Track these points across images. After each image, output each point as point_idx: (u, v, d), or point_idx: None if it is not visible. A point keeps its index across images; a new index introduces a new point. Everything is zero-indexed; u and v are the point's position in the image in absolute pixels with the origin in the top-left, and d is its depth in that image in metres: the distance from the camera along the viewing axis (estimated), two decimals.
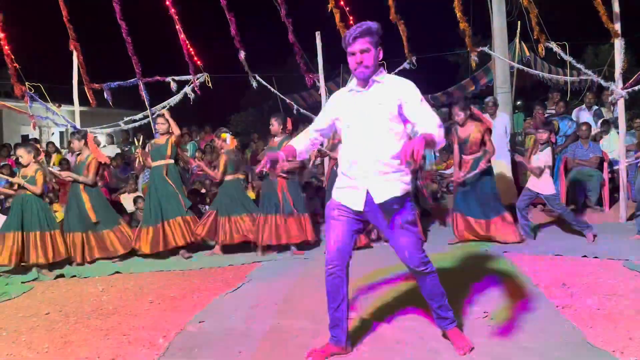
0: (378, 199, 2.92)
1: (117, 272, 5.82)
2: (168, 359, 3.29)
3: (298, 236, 6.18)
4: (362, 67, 2.90)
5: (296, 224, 6.18)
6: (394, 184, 2.93)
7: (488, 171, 6.16)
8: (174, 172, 6.59)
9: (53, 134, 17.18)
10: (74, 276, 5.79)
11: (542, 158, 5.98)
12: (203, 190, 8.63)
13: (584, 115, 8.67)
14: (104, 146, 10.70)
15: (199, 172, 8.43)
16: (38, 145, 10.34)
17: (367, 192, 2.94)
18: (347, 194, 3.02)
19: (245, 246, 6.54)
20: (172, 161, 6.57)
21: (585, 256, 5.19)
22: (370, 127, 2.92)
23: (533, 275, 4.63)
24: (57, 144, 12.79)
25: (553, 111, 8.81)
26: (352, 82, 3.08)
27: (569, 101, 9.38)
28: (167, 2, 7.93)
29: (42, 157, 6.52)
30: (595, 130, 8.17)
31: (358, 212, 3.00)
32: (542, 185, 6.01)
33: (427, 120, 2.82)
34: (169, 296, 4.73)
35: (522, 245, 5.86)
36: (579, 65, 7.36)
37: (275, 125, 6.25)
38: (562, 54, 7.35)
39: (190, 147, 10.97)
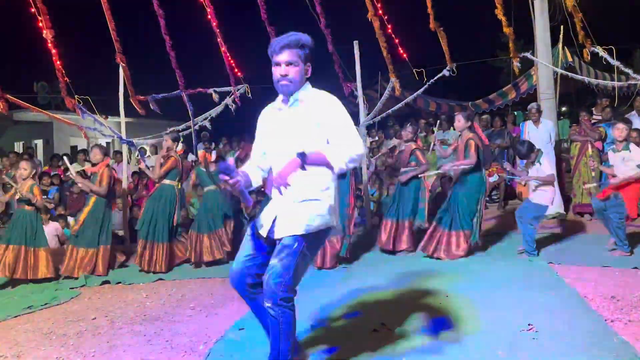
0: (279, 233, 2.66)
1: (160, 279, 5.96)
2: None
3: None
4: (286, 81, 2.64)
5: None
6: (303, 217, 2.63)
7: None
8: None
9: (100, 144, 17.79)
10: (119, 282, 5.96)
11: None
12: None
13: (635, 121, 8.34)
14: (148, 156, 10.99)
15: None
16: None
17: (275, 219, 2.70)
18: (260, 217, 2.80)
19: None
20: None
21: (636, 267, 4.98)
22: (291, 146, 2.58)
23: (580, 287, 4.48)
24: None
25: (600, 117, 8.52)
26: (278, 99, 2.81)
27: (616, 107, 9.04)
28: (209, 16, 8.12)
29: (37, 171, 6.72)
30: None
31: (264, 237, 2.74)
32: None
33: (339, 141, 2.57)
34: (209, 303, 4.80)
35: (568, 256, 5.67)
36: (627, 70, 7.11)
37: None
38: (609, 59, 7.12)
39: (229, 157, 11.14)
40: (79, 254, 6.32)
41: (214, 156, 6.90)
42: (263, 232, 2.74)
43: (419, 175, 6.48)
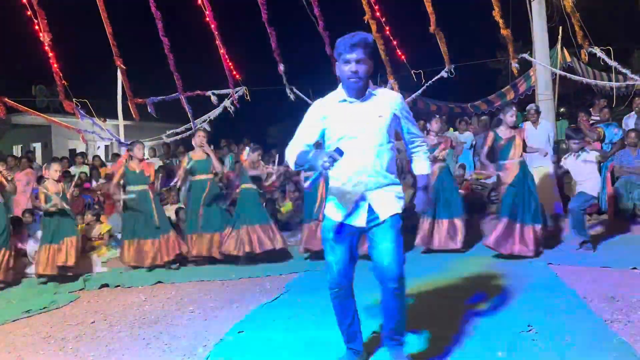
0: (382, 215, 2.86)
1: (159, 282, 5.95)
2: None
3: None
4: (357, 77, 2.80)
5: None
6: (393, 199, 2.89)
7: None
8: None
9: (99, 147, 17.79)
10: (118, 286, 5.95)
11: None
12: None
13: (632, 122, 8.36)
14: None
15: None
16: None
17: (369, 207, 2.86)
18: (347, 210, 2.89)
19: (279, 256, 6.59)
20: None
21: (635, 268, 4.98)
22: (370, 139, 2.84)
23: (579, 288, 4.47)
24: (103, 158, 13.22)
25: (598, 118, 8.53)
26: (341, 93, 2.93)
27: (614, 107, 9.06)
28: (207, 18, 8.13)
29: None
30: None
31: (359, 227, 2.90)
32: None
33: (419, 146, 3.06)
34: (209, 306, 4.79)
35: (567, 257, 5.68)
36: (624, 70, 7.12)
37: None
38: (607, 59, 7.13)
39: (228, 159, 11.13)
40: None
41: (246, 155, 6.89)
42: (361, 223, 2.87)
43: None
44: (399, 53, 8.20)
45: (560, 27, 9.57)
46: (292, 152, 2.93)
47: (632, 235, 6.41)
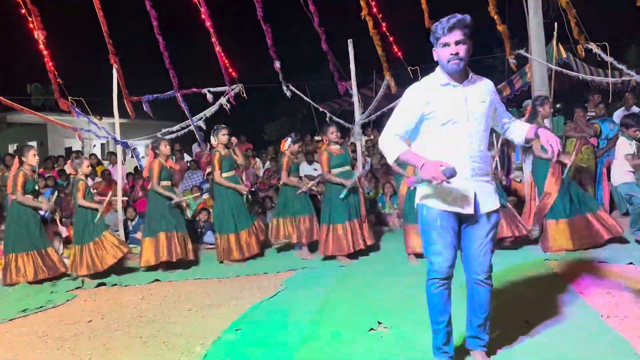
0: (484, 208, 2.87)
1: (157, 280, 5.94)
2: None
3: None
4: (457, 59, 2.73)
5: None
6: (494, 193, 2.92)
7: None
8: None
9: (95, 146, 17.73)
10: (115, 284, 5.94)
11: None
12: None
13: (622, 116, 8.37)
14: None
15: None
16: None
17: (475, 195, 2.83)
18: (453, 198, 2.83)
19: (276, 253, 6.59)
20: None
21: (631, 263, 4.99)
22: (476, 124, 2.82)
23: (576, 283, 4.49)
24: (99, 156, 13.18)
25: (594, 113, 8.55)
26: (442, 76, 2.84)
27: (610, 103, 9.07)
28: (203, 15, 8.09)
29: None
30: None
31: (466, 215, 2.85)
32: None
33: (513, 119, 3.10)
34: (206, 304, 4.79)
35: (564, 253, 5.69)
36: (620, 66, 7.12)
37: (334, 133, 6.28)
38: (603, 55, 7.13)
39: None
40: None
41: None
42: (469, 210, 2.83)
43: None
44: (396, 49, 8.18)
45: (556, 23, 9.56)
46: (393, 143, 2.82)
47: (628, 230, 6.42)
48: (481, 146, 2.84)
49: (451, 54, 2.72)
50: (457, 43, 2.72)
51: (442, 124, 2.80)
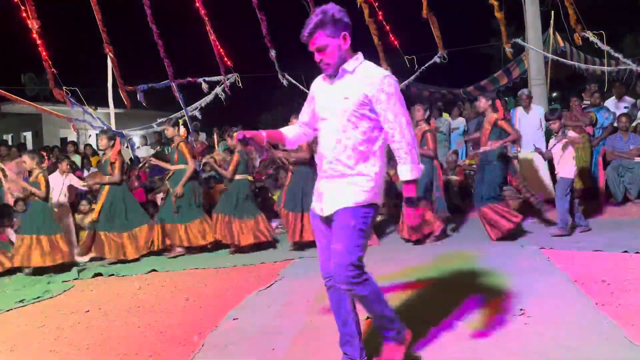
0: (329, 208, 2.65)
1: (154, 270, 5.95)
2: (203, 356, 3.34)
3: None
4: (324, 65, 2.64)
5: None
6: (348, 191, 2.61)
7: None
8: None
9: (90, 136, 17.66)
10: (112, 275, 5.94)
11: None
12: None
13: (611, 105, 8.38)
14: (138, 147, 10.92)
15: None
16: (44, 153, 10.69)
17: (323, 196, 2.71)
18: (316, 199, 2.77)
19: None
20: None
21: (626, 251, 5.03)
22: (333, 123, 2.64)
23: (571, 271, 4.51)
24: (94, 146, 13.13)
25: (589, 102, 8.56)
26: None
27: (606, 92, 9.08)
28: (198, 4, 8.03)
29: (45, 164, 6.71)
30: (636, 121, 7.90)
31: (323, 216, 2.72)
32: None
33: (396, 133, 2.58)
34: (203, 294, 4.80)
35: (559, 241, 5.72)
36: (616, 55, 7.12)
37: None
38: (599, 43, 7.13)
39: (220, 147, 11.08)
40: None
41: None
42: (320, 211, 2.72)
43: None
44: (392, 38, 8.15)
45: (553, 12, 9.55)
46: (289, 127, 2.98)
47: (623, 219, 6.46)
48: (338, 148, 2.61)
49: (317, 60, 2.64)
50: (319, 50, 2.60)
51: (319, 120, 2.76)
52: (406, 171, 2.65)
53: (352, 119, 2.60)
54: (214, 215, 6.68)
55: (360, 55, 2.69)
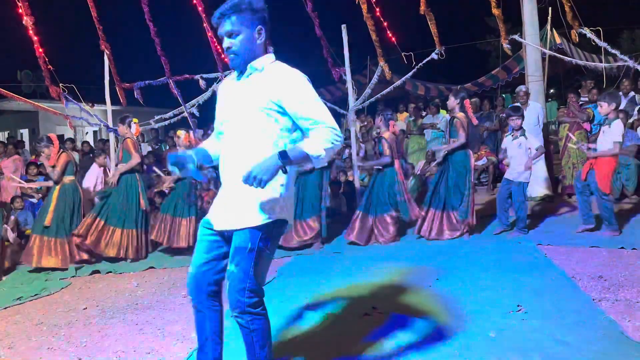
0: (228, 225, 2.33)
1: (152, 267, 5.94)
2: None
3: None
4: (231, 54, 2.32)
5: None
6: (249, 208, 2.28)
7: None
8: None
9: (87, 133, 17.62)
10: (110, 272, 5.94)
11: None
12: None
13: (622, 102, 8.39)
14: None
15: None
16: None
17: (222, 209, 2.40)
18: (214, 206, 2.46)
19: None
20: None
21: (622, 247, 5.05)
22: (235, 127, 2.36)
23: (568, 267, 4.53)
24: (91, 143, 13.10)
25: (587, 99, 8.57)
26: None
27: (604, 88, 9.10)
28: (194, 1, 8.00)
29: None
30: (633, 117, 7.92)
31: (217, 230, 2.40)
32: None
33: (313, 132, 2.25)
34: None
35: (556, 237, 5.74)
36: (614, 51, 7.12)
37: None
38: (597, 40, 7.12)
39: None
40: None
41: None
42: (217, 226, 2.39)
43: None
44: (390, 35, 8.13)
45: (550, 8, 9.55)
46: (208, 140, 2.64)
47: (620, 215, 6.47)
48: (240, 155, 2.31)
49: (225, 47, 2.33)
50: (229, 35, 2.31)
51: (220, 123, 2.47)
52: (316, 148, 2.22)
53: (255, 122, 2.31)
54: None
55: (272, 55, 2.42)
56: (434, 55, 7.59)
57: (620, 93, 8.61)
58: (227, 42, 2.32)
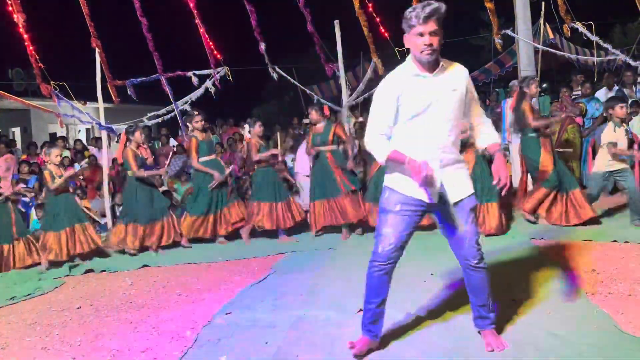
0: (457, 196, 2.87)
1: (146, 266, 5.92)
2: (196, 350, 3.34)
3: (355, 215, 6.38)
4: (431, 50, 2.69)
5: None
6: (466, 179, 2.93)
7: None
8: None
9: (80, 131, 17.51)
10: (104, 270, 5.91)
11: None
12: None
13: (602, 96, 8.42)
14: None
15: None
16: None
17: (442, 185, 2.83)
18: (417, 186, 2.81)
19: (267, 236, 6.60)
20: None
21: (615, 241, 5.08)
22: (445, 114, 2.79)
23: (561, 261, 4.55)
24: (84, 141, 13.02)
25: (579, 93, 8.60)
26: (413, 66, 2.81)
27: (596, 83, 9.13)
28: None
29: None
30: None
31: (428, 204, 2.86)
32: None
33: (486, 121, 3.03)
34: (195, 288, 4.79)
35: (549, 231, 5.76)
36: (606, 45, 7.15)
37: (313, 113, 6.54)
38: (589, 34, 7.15)
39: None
40: None
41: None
42: (434, 199, 2.84)
43: None
44: (383, 30, 8.12)
45: (543, 3, 9.55)
46: (379, 144, 2.87)
47: (613, 210, 6.51)
48: (451, 136, 2.84)
49: (425, 45, 2.69)
50: (431, 34, 2.68)
51: (412, 116, 2.80)
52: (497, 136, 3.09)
53: (459, 110, 2.84)
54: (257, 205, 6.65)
55: None
56: None
57: (605, 87, 8.64)
58: (429, 40, 2.68)
